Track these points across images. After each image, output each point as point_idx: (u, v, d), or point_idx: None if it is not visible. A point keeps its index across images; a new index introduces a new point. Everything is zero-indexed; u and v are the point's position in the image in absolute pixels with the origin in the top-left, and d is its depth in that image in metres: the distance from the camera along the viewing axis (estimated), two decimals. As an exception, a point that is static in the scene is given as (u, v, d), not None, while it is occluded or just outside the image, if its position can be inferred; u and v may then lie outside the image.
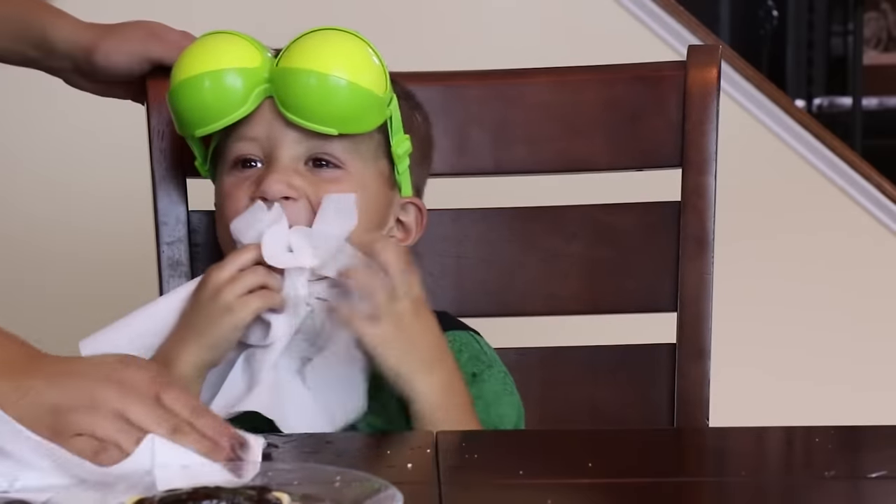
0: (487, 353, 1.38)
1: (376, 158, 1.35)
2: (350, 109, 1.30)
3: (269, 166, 1.32)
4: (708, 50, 1.50)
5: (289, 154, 1.32)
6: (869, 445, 1.18)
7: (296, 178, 1.31)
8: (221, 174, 1.36)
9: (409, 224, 1.39)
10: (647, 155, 1.49)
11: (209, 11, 2.42)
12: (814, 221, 2.71)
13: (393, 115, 1.34)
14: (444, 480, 1.01)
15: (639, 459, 1.11)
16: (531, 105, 1.50)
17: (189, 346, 1.26)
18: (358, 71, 1.30)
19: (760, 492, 1.03)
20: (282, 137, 1.32)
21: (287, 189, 1.30)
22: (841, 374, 2.69)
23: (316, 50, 1.31)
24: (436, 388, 1.26)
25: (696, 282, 1.46)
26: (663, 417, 1.47)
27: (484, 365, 1.36)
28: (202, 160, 1.40)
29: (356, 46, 1.32)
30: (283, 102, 1.31)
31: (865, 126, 4.14)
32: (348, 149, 1.33)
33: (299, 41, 1.32)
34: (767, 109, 2.68)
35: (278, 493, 0.90)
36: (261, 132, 1.33)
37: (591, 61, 1.53)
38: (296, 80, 1.30)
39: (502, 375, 1.37)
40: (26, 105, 2.42)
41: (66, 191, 2.48)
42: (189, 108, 1.33)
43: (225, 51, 1.33)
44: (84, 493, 0.93)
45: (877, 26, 5.15)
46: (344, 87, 1.29)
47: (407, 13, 2.53)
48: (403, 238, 1.38)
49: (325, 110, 1.30)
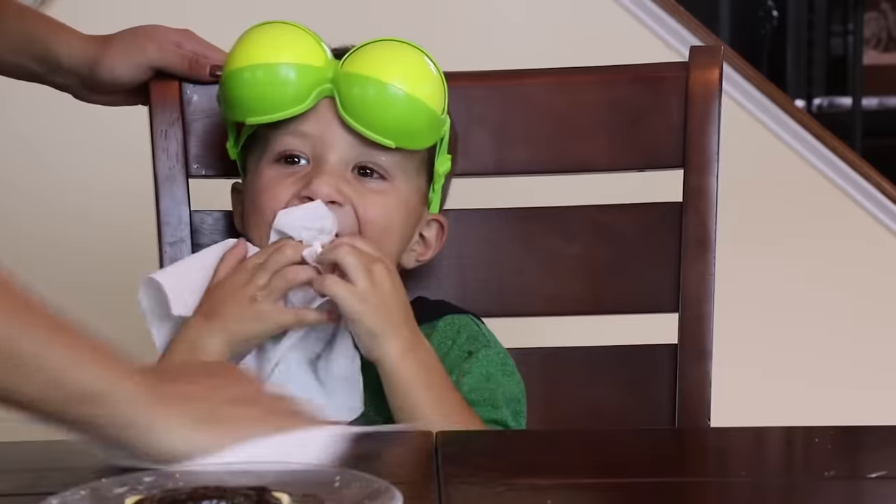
0: (486, 335, 1.39)
1: (419, 174, 1.37)
2: (412, 124, 1.31)
3: (318, 167, 1.32)
4: (710, 51, 1.50)
5: (339, 157, 1.33)
6: (869, 445, 1.18)
7: (344, 184, 1.32)
8: (260, 163, 1.36)
9: (429, 239, 1.40)
10: (648, 155, 1.49)
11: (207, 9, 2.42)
12: (814, 222, 2.71)
13: (445, 134, 1.35)
14: (444, 480, 1.01)
15: (639, 459, 1.11)
16: (532, 106, 1.51)
17: (216, 337, 1.28)
18: (418, 85, 1.31)
19: (760, 492, 1.04)
20: (335, 140, 1.33)
21: (336, 194, 1.31)
22: (841, 373, 2.69)
23: (379, 59, 1.31)
24: (402, 349, 1.27)
25: (697, 282, 1.46)
26: (664, 418, 1.47)
27: (480, 344, 1.37)
28: (234, 142, 1.40)
29: (418, 60, 1.33)
30: (345, 107, 1.31)
31: (865, 126, 4.14)
32: (397, 162, 1.34)
33: (364, 49, 1.32)
34: (767, 109, 2.68)
35: (278, 494, 0.90)
36: (314, 130, 1.33)
37: (591, 62, 1.54)
38: (357, 86, 1.30)
39: (501, 356, 1.37)
40: (28, 105, 2.42)
41: (68, 190, 2.48)
42: (245, 96, 1.33)
43: (289, 42, 1.33)
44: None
45: (877, 26, 5.15)
46: (402, 100, 1.30)
47: (407, 13, 2.53)
48: (422, 252, 1.40)
49: (386, 121, 1.30)
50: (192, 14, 2.13)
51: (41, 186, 2.49)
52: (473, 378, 1.34)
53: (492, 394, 1.34)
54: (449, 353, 1.36)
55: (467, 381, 1.33)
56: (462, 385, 1.33)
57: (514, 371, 1.38)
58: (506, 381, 1.36)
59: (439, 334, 1.37)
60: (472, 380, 1.34)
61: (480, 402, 1.33)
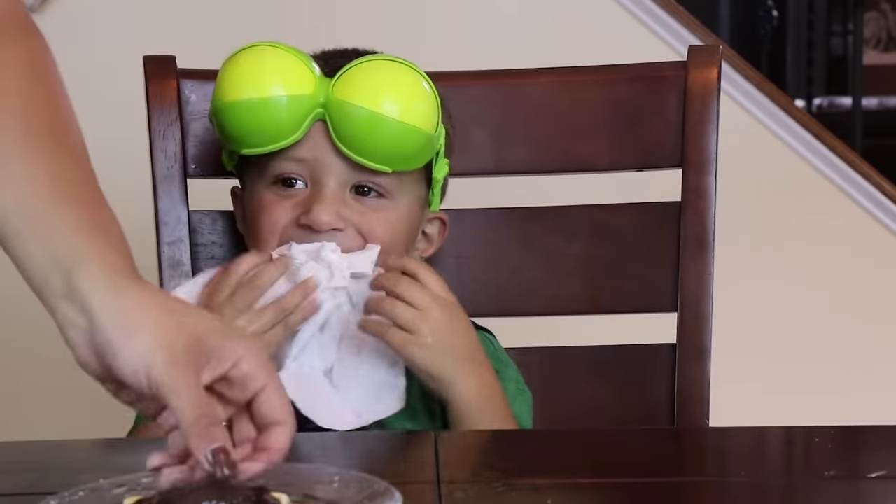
0: (502, 355, 1.40)
1: (418, 185, 1.37)
2: (406, 149, 1.31)
3: (316, 193, 1.32)
4: (708, 50, 1.50)
5: (337, 181, 1.32)
6: (869, 445, 1.18)
7: (344, 208, 1.31)
8: (257, 185, 1.35)
9: (432, 235, 1.41)
10: (647, 155, 1.49)
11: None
12: (814, 221, 2.71)
13: (440, 145, 1.36)
14: (444, 480, 1.01)
15: (638, 459, 1.11)
16: (532, 105, 1.51)
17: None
18: (409, 108, 1.30)
19: (760, 492, 1.04)
20: (331, 164, 1.32)
21: (337, 220, 1.31)
22: (841, 373, 2.69)
23: (369, 84, 1.30)
24: (472, 389, 1.28)
25: (696, 282, 1.46)
26: (663, 417, 1.47)
27: (501, 365, 1.38)
28: (228, 157, 1.39)
29: (409, 79, 1.31)
30: (338, 135, 1.30)
31: (865, 126, 4.14)
32: (395, 180, 1.34)
33: (354, 71, 1.31)
34: (767, 109, 2.68)
35: (277, 494, 0.90)
36: (308, 155, 1.33)
37: (591, 61, 1.54)
38: (348, 114, 1.29)
39: (516, 375, 1.39)
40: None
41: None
42: (237, 130, 1.32)
43: (277, 71, 1.31)
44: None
45: (877, 26, 5.15)
46: (394, 126, 1.29)
47: (407, 14, 2.53)
48: (425, 249, 1.41)
49: (380, 148, 1.30)
50: (193, 14, 2.13)
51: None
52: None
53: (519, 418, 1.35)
54: None
55: None
56: None
57: (525, 389, 1.39)
58: (520, 400, 1.37)
59: None
60: None
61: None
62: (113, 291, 0.95)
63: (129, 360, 0.93)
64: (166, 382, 0.92)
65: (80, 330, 0.96)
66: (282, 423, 0.96)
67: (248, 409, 0.97)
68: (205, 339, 0.95)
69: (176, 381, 0.92)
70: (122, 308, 0.95)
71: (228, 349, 0.95)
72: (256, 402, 0.96)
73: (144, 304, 0.95)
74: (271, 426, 0.96)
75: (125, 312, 0.94)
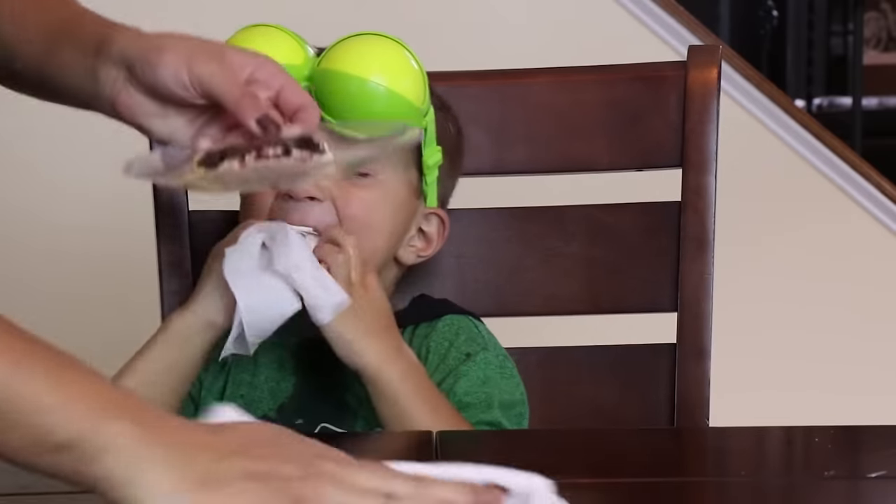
0: (485, 337, 1.38)
1: (406, 167, 1.35)
2: (388, 118, 1.29)
3: None
4: (708, 50, 1.50)
5: None
6: (869, 445, 1.18)
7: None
8: None
9: (430, 234, 1.39)
10: (647, 155, 1.49)
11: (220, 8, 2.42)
12: (814, 221, 2.71)
13: (428, 126, 1.34)
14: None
15: (638, 459, 1.11)
16: (531, 105, 1.51)
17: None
18: (398, 79, 1.29)
19: (760, 492, 1.03)
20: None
21: (315, 190, 1.30)
22: (841, 373, 2.69)
23: (358, 55, 1.29)
24: (382, 356, 1.26)
25: (696, 282, 1.46)
26: (663, 417, 1.47)
27: (479, 346, 1.36)
28: None
29: (398, 54, 1.31)
30: (323, 105, 1.30)
31: (865, 126, 4.14)
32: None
33: (342, 44, 1.31)
34: (767, 109, 2.68)
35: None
36: None
37: (591, 61, 1.53)
38: (336, 84, 1.29)
39: (500, 359, 1.36)
40: (26, 104, 2.42)
41: (66, 190, 2.48)
42: None
43: (267, 44, 1.30)
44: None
45: (877, 26, 5.16)
46: (383, 95, 1.28)
47: (406, 13, 2.53)
48: (424, 248, 1.39)
49: (362, 117, 1.29)
50: (192, 14, 2.13)
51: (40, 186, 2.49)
52: (469, 381, 1.33)
53: (487, 397, 1.33)
54: (447, 355, 1.35)
55: (463, 384, 1.32)
56: (457, 388, 1.32)
57: (514, 374, 1.37)
58: (504, 384, 1.35)
59: (438, 335, 1.37)
60: (468, 383, 1.33)
61: (475, 404, 1.32)
62: (136, 39, 1.16)
63: (170, 66, 1.12)
64: (207, 72, 1.12)
65: (121, 77, 1.15)
66: (307, 104, 1.15)
67: (275, 106, 1.15)
68: (226, 50, 1.16)
69: (214, 70, 1.12)
70: (150, 40, 1.15)
71: (248, 56, 1.16)
72: (282, 96, 1.15)
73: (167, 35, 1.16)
74: (299, 110, 1.15)
75: (154, 39, 1.15)
